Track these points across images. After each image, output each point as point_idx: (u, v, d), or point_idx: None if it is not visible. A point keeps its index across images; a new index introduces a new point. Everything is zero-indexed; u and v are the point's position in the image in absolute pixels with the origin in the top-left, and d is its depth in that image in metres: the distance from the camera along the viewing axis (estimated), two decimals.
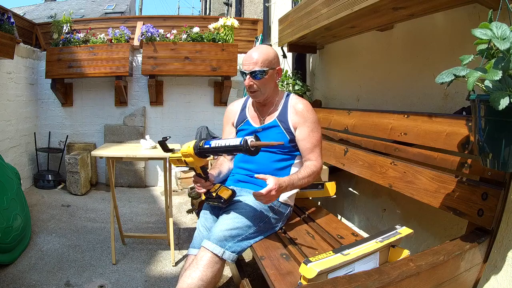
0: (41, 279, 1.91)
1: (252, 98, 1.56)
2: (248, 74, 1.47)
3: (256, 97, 1.53)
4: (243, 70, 1.50)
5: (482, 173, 1.09)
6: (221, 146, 1.25)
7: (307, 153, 1.51)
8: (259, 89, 1.49)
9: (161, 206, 3.31)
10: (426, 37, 1.65)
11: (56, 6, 16.51)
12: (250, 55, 1.49)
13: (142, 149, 2.17)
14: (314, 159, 1.51)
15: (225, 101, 4.02)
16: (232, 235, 1.31)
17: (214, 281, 1.27)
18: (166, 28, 3.79)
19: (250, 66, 1.46)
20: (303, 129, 1.50)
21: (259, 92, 1.50)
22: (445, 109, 1.52)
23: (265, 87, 1.50)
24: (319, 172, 1.51)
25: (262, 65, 1.46)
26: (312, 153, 1.51)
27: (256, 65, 1.45)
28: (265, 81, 1.48)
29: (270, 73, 1.49)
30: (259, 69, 1.45)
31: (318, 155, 1.52)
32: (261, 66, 1.46)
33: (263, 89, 1.50)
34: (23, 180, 3.21)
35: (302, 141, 1.51)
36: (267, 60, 1.47)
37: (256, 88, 1.48)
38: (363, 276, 0.86)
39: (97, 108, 4.02)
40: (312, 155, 1.51)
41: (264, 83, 1.49)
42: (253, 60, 1.46)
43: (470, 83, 0.74)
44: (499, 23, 0.76)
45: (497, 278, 1.14)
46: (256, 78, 1.47)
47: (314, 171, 1.47)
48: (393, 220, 1.80)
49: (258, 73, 1.46)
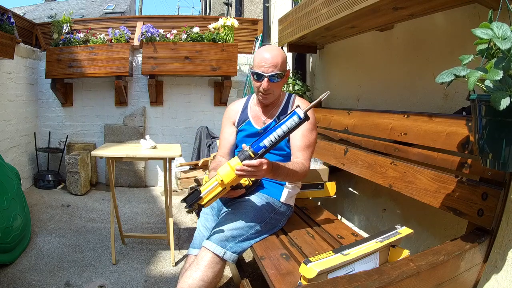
0: (41, 279, 1.91)
1: (263, 101, 1.51)
2: (266, 77, 1.42)
3: (268, 99, 1.50)
4: (259, 72, 1.42)
5: (482, 173, 1.09)
6: (279, 136, 1.15)
7: (297, 150, 1.46)
8: (273, 91, 1.46)
9: (161, 206, 3.31)
10: (426, 37, 1.65)
11: (56, 6, 16.50)
12: (267, 57, 1.42)
13: (142, 149, 2.17)
14: (303, 159, 1.44)
15: (225, 101, 4.01)
16: (233, 235, 1.31)
17: (214, 282, 1.27)
18: (166, 28, 3.79)
19: (270, 69, 1.41)
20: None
21: (272, 94, 1.48)
22: (445, 109, 1.52)
23: (278, 90, 1.49)
24: (305, 173, 1.43)
25: (281, 68, 1.43)
26: (302, 152, 1.45)
27: (276, 68, 1.41)
28: (280, 84, 1.47)
29: (285, 75, 1.48)
30: (278, 72, 1.42)
31: (307, 158, 1.46)
32: (280, 70, 1.43)
33: (276, 92, 1.49)
34: (23, 180, 3.20)
35: (295, 138, 1.47)
36: (284, 63, 1.45)
37: (271, 91, 1.45)
38: (363, 276, 0.86)
39: (97, 108, 4.02)
40: (301, 154, 1.44)
41: (279, 86, 1.48)
42: (272, 63, 1.41)
43: (471, 83, 0.74)
44: (500, 23, 0.77)
45: (497, 278, 1.14)
46: (273, 81, 1.43)
47: (302, 169, 1.40)
48: (393, 220, 1.80)
49: (277, 76, 1.43)
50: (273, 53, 1.43)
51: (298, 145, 1.46)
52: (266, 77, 1.42)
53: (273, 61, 1.41)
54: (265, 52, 1.44)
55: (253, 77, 1.47)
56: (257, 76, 1.45)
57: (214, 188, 1.26)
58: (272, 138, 1.18)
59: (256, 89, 1.49)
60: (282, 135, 1.17)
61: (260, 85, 1.44)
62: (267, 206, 1.44)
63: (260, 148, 1.20)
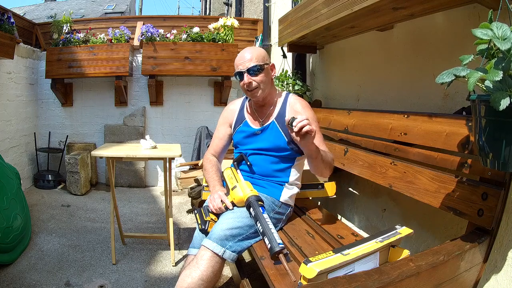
0: (41, 279, 1.91)
1: (252, 97, 1.53)
2: (245, 72, 1.46)
3: (255, 95, 1.49)
4: (238, 71, 1.48)
5: (482, 173, 1.09)
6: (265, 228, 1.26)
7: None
8: (258, 85, 1.47)
9: (161, 206, 3.31)
10: (426, 37, 1.65)
11: (56, 6, 16.49)
12: (242, 55, 1.49)
13: (142, 149, 2.17)
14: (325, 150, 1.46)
15: (225, 101, 4.01)
16: (233, 234, 1.31)
17: (214, 280, 1.27)
18: (166, 28, 3.79)
19: (246, 64, 1.45)
20: None
21: (259, 89, 1.48)
22: (445, 109, 1.52)
23: (263, 83, 1.48)
24: (333, 161, 1.47)
25: (257, 61, 1.46)
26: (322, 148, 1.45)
27: (251, 61, 1.45)
28: (262, 77, 1.47)
29: (266, 68, 1.49)
30: (255, 64, 1.45)
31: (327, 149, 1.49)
32: (256, 62, 1.46)
33: (262, 86, 1.48)
34: (23, 180, 3.20)
35: None
36: (260, 56, 1.48)
37: (255, 85, 1.47)
38: (363, 276, 0.86)
39: (97, 108, 4.02)
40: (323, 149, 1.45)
41: (263, 79, 1.48)
42: (247, 58, 1.46)
43: (471, 83, 0.74)
44: (500, 23, 0.76)
45: (497, 278, 1.14)
46: (253, 75, 1.45)
47: (332, 158, 1.45)
48: (393, 220, 1.80)
49: (255, 68, 1.45)
50: (249, 50, 1.49)
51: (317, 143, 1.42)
52: (244, 72, 1.46)
53: (248, 56, 1.46)
54: (242, 53, 1.50)
55: (237, 79, 1.51)
56: (239, 75, 1.49)
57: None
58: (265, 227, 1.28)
59: (242, 89, 1.51)
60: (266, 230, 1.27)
61: (243, 83, 1.47)
62: (266, 206, 1.44)
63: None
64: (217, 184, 1.53)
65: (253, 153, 1.56)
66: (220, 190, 1.49)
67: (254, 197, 1.36)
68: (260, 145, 1.53)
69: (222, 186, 1.54)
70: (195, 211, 1.48)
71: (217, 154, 1.66)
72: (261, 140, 1.54)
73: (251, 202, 1.34)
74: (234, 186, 1.44)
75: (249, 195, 1.37)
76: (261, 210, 1.32)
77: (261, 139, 1.54)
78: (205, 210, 1.45)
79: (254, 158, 1.55)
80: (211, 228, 1.36)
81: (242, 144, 1.60)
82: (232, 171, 1.55)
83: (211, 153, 1.66)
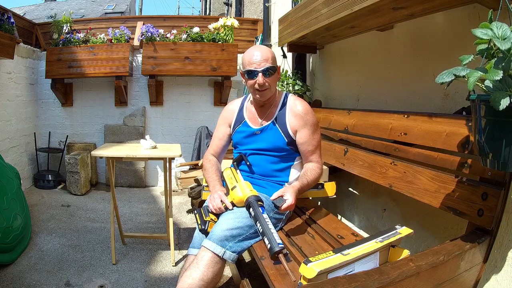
0: (41, 279, 1.91)
1: (261, 97, 1.50)
2: (260, 72, 1.43)
3: (265, 96, 1.49)
4: (253, 69, 1.44)
5: (482, 173, 1.09)
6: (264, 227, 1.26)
7: (309, 155, 1.53)
8: (270, 86, 1.47)
9: (161, 206, 3.31)
10: (426, 37, 1.65)
11: (56, 6, 16.49)
12: (255, 53, 1.44)
13: (142, 149, 2.17)
14: (316, 160, 1.54)
15: (225, 101, 4.01)
16: (233, 235, 1.31)
17: (214, 281, 1.27)
18: (166, 28, 3.79)
19: (262, 64, 1.43)
20: (304, 132, 1.50)
21: (269, 90, 1.48)
22: (445, 109, 1.52)
23: (273, 85, 1.49)
24: (321, 172, 1.55)
25: (272, 62, 1.45)
26: (314, 155, 1.54)
27: (267, 62, 1.43)
28: (274, 78, 1.48)
29: (277, 69, 1.50)
30: (271, 65, 1.44)
31: (319, 156, 1.56)
32: (272, 63, 1.45)
33: (273, 87, 1.49)
34: (23, 180, 3.20)
35: (303, 145, 1.51)
36: (274, 57, 1.48)
37: (267, 86, 1.46)
38: (363, 276, 0.86)
39: (97, 108, 4.02)
40: (314, 157, 1.54)
41: (274, 81, 1.48)
42: (263, 58, 1.43)
43: (471, 83, 0.74)
44: (500, 23, 0.76)
45: (497, 278, 1.14)
46: (267, 76, 1.44)
47: (319, 173, 1.53)
48: (393, 220, 1.80)
49: (271, 69, 1.44)
50: (261, 49, 1.47)
51: (309, 150, 1.53)
52: (259, 71, 1.43)
53: (263, 56, 1.44)
54: (254, 51, 1.47)
55: (246, 77, 1.48)
56: (250, 74, 1.45)
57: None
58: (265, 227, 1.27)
59: (251, 88, 1.48)
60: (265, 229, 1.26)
61: (255, 82, 1.44)
62: (266, 206, 1.44)
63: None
64: (217, 184, 1.53)
65: (252, 153, 1.56)
66: (220, 190, 1.49)
67: (253, 197, 1.36)
68: (260, 145, 1.54)
69: (222, 186, 1.54)
70: (195, 211, 1.48)
71: (216, 154, 1.66)
72: (260, 140, 1.54)
73: (250, 202, 1.34)
74: (233, 186, 1.44)
75: (248, 195, 1.37)
76: (260, 210, 1.31)
77: (260, 139, 1.54)
78: (205, 210, 1.45)
79: (254, 158, 1.56)
80: (211, 229, 1.36)
81: (241, 144, 1.60)
82: (232, 171, 1.55)
83: (211, 153, 1.66)
